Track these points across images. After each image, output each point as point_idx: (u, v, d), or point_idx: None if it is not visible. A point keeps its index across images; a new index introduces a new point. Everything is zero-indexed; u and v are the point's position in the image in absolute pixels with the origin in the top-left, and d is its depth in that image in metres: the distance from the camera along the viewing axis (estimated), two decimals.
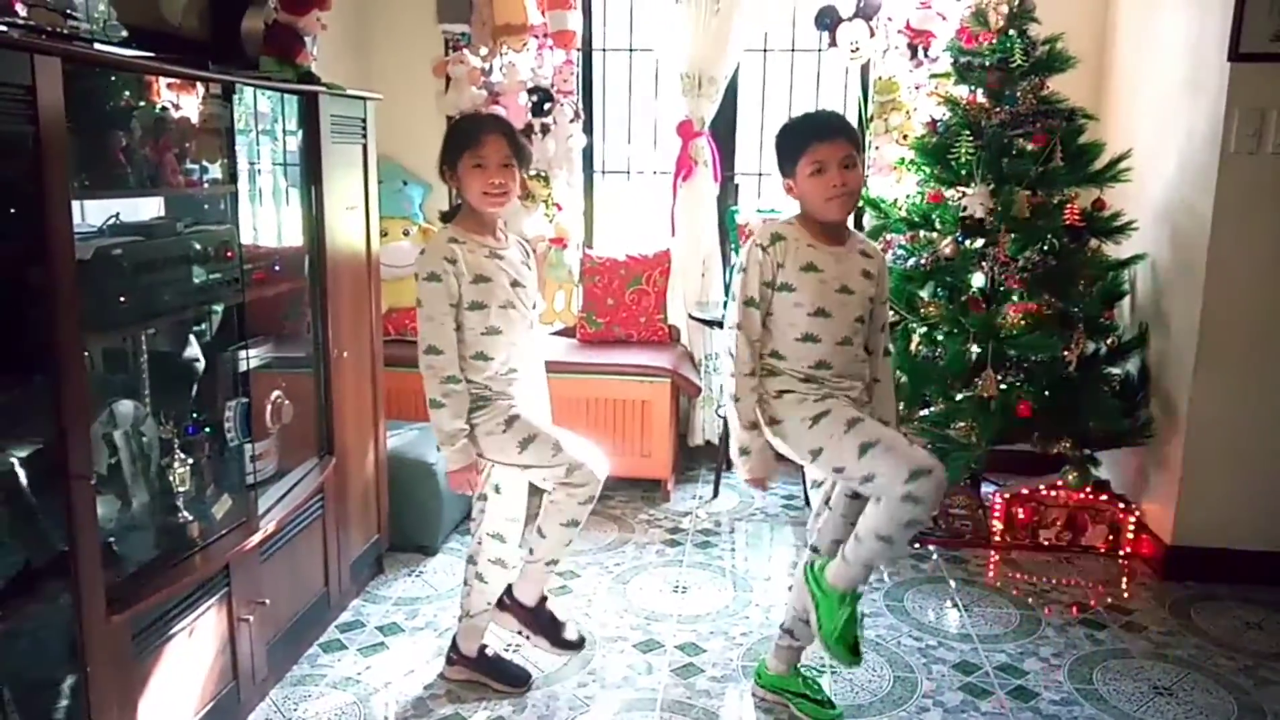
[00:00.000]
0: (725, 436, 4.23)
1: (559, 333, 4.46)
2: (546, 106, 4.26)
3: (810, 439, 2.27)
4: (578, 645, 2.72)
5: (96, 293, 1.94)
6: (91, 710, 1.88)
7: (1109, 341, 3.58)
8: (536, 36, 4.21)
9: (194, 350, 2.53)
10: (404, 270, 4.13)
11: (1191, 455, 3.29)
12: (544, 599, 2.65)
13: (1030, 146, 3.45)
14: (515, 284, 2.49)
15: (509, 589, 2.63)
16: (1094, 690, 2.68)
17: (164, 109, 2.22)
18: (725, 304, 4.20)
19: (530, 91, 4.24)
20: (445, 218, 2.55)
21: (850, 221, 2.50)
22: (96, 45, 2.01)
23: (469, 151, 2.39)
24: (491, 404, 2.45)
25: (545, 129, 4.27)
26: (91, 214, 2.17)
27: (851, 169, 2.23)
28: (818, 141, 2.23)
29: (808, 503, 3.98)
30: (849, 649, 2.32)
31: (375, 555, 3.30)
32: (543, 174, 4.33)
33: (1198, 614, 3.12)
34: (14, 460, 1.79)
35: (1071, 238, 3.46)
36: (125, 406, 2.20)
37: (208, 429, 2.46)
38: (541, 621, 2.64)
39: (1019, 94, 3.44)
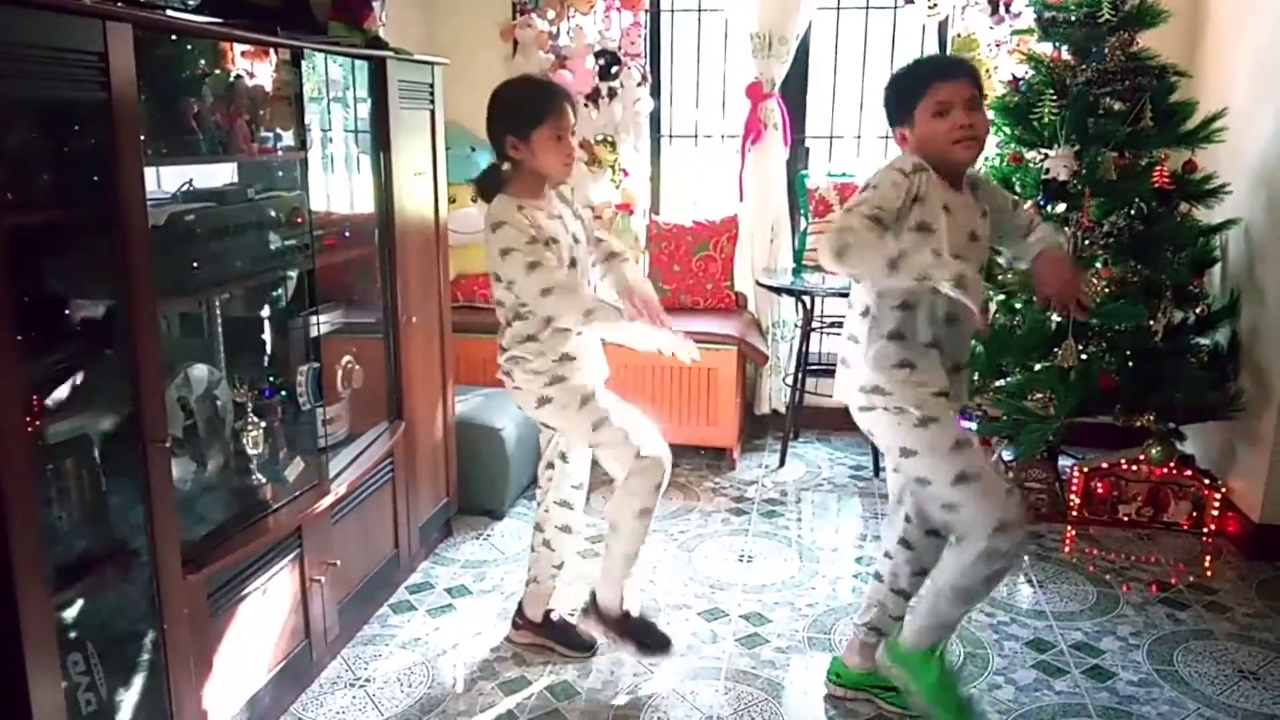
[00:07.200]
0: (792, 406, 4.18)
1: None
2: (614, 70, 4.22)
3: (910, 436, 2.08)
4: (665, 648, 2.58)
5: (170, 258, 1.96)
6: (169, 665, 1.93)
7: (1198, 310, 3.43)
8: None
9: (266, 315, 2.56)
10: (472, 236, 4.13)
11: None
12: (628, 609, 2.55)
13: (1118, 106, 3.30)
14: (575, 239, 2.46)
15: (593, 596, 2.57)
16: (1174, 671, 2.60)
17: (236, 76, 2.24)
18: (797, 263, 4.14)
19: (597, 55, 4.20)
20: (486, 187, 2.44)
21: None
22: (168, 11, 2.02)
23: (550, 122, 2.33)
24: (566, 380, 2.41)
25: (612, 93, 4.23)
26: (166, 180, 2.20)
27: (977, 110, 2.05)
28: (940, 80, 2.04)
29: (876, 473, 3.93)
30: (956, 710, 2.22)
31: (444, 519, 3.34)
32: (609, 139, 4.29)
33: None
34: (92, 424, 1.83)
35: (1160, 201, 3.30)
36: (200, 370, 2.24)
37: (281, 393, 2.50)
38: (627, 627, 2.56)
39: (1107, 50, 3.29)
